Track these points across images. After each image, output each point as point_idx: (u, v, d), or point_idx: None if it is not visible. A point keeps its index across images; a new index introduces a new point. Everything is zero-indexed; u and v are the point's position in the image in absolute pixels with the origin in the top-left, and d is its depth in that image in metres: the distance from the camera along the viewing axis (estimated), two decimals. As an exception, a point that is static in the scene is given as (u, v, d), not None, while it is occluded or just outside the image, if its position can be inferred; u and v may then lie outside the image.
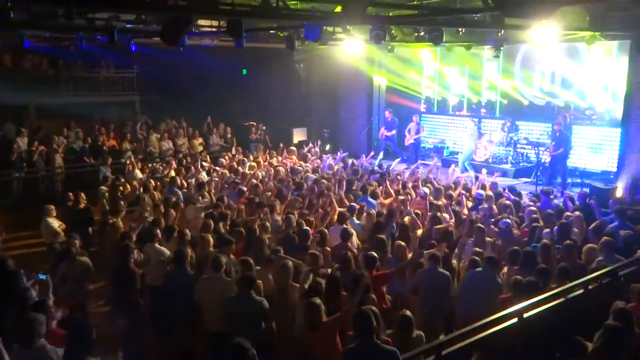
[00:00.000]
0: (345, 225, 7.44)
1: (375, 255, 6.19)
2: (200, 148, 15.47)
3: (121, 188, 10.04)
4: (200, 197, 9.22)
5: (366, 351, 4.16)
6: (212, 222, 7.56)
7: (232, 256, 6.48)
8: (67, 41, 12.47)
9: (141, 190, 9.88)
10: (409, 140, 15.37)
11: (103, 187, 10.34)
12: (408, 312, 4.76)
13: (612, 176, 12.38)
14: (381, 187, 9.86)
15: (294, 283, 5.76)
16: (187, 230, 7.24)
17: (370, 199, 9.03)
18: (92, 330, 4.25)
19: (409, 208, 8.60)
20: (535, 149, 13.26)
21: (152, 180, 10.56)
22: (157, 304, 6.39)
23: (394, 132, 15.89)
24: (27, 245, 9.42)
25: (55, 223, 8.45)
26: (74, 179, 12.85)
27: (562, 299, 5.24)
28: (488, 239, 7.23)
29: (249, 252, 6.78)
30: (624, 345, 4.31)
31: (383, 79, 17.55)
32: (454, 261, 6.73)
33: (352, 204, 8.49)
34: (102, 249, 7.79)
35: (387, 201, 9.26)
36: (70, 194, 9.36)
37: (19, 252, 8.84)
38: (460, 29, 10.96)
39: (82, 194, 9.29)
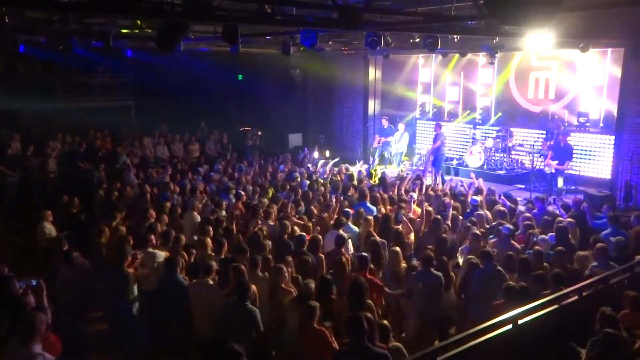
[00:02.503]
0: (340, 231, 7.44)
1: (367, 255, 6.21)
2: (197, 154, 15.46)
3: (116, 193, 10.01)
4: (199, 203, 9.20)
5: (358, 354, 4.16)
6: (209, 228, 7.55)
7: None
8: (62, 46, 12.45)
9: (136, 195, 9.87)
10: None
11: (100, 192, 10.30)
12: (385, 322, 4.79)
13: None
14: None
15: (287, 286, 5.76)
16: (183, 236, 7.24)
17: (369, 205, 9.03)
18: (89, 340, 4.21)
19: (404, 214, 8.61)
20: (530, 155, 13.31)
21: (147, 186, 10.53)
22: (149, 310, 6.36)
23: (391, 138, 16.01)
24: (22, 251, 9.35)
25: (52, 228, 8.40)
26: (68, 183, 12.77)
27: (556, 306, 5.25)
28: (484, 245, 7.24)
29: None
30: (620, 352, 4.33)
31: (378, 84, 17.61)
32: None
33: (347, 209, 8.49)
34: (97, 253, 7.73)
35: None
36: (65, 197, 9.33)
37: (13, 257, 8.77)
38: (455, 36, 11.02)
39: (76, 198, 9.26)
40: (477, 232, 7.38)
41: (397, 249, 6.75)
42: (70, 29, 10.01)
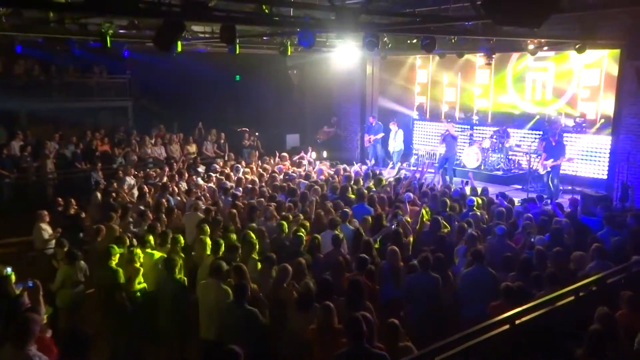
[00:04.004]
0: (336, 231, 7.44)
1: (366, 257, 6.20)
2: (194, 154, 15.46)
3: (113, 194, 10.01)
4: (199, 203, 9.19)
5: (356, 356, 4.16)
6: (207, 228, 7.56)
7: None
8: (59, 46, 12.45)
9: (134, 196, 9.87)
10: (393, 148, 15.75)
11: (96, 193, 10.29)
12: (395, 321, 4.76)
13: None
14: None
15: (289, 287, 5.76)
16: (181, 236, 7.24)
17: (366, 206, 9.04)
18: (89, 340, 4.20)
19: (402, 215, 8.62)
20: (527, 156, 13.35)
21: (145, 186, 10.53)
22: (148, 310, 6.36)
23: (381, 135, 15.96)
24: (17, 251, 9.33)
25: (48, 229, 8.40)
26: (65, 184, 12.77)
27: (553, 306, 5.26)
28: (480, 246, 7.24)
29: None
30: (607, 349, 4.35)
31: (375, 85, 17.63)
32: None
33: (345, 209, 8.49)
34: (93, 255, 7.74)
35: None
36: (60, 199, 9.32)
37: (8, 257, 8.75)
38: (452, 37, 11.04)
39: (72, 200, 9.26)
40: (473, 232, 7.40)
41: (395, 248, 6.76)
42: (67, 29, 9.99)
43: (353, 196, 9.81)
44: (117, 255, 6.50)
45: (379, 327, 4.81)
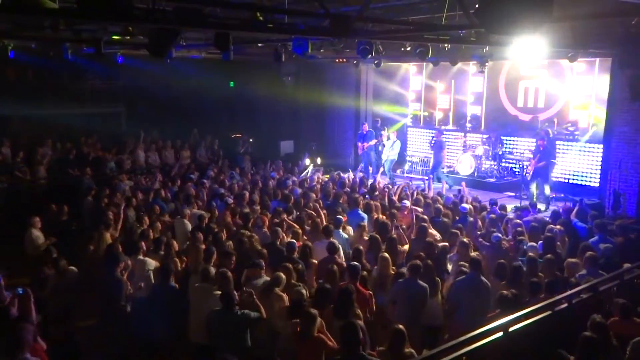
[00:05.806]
0: (331, 239, 7.43)
1: (358, 265, 6.20)
2: (188, 160, 15.43)
3: (106, 200, 9.96)
4: (189, 210, 9.16)
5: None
6: (199, 235, 7.53)
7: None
8: (52, 52, 12.40)
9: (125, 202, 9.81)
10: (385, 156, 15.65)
11: (88, 199, 10.24)
12: (400, 326, 4.75)
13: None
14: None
15: (280, 292, 5.74)
16: (175, 243, 7.22)
17: (360, 212, 9.04)
18: (79, 347, 4.18)
19: (396, 222, 8.62)
20: (520, 163, 13.41)
21: (139, 192, 10.49)
22: (140, 317, 6.32)
23: (374, 141, 15.90)
24: (8, 258, 9.24)
25: (40, 235, 8.33)
26: (58, 190, 12.67)
27: (546, 313, 5.27)
28: (473, 253, 7.26)
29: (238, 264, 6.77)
30: (599, 356, 4.37)
31: (369, 92, 17.69)
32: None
33: (339, 216, 8.49)
34: (85, 261, 7.68)
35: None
36: (54, 205, 9.26)
37: (0, 264, 8.66)
38: (445, 45, 11.10)
39: (65, 206, 9.21)
40: (465, 239, 7.41)
41: (386, 255, 6.75)
42: (61, 35, 9.96)
43: (346, 203, 9.82)
44: (122, 264, 6.46)
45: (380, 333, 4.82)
